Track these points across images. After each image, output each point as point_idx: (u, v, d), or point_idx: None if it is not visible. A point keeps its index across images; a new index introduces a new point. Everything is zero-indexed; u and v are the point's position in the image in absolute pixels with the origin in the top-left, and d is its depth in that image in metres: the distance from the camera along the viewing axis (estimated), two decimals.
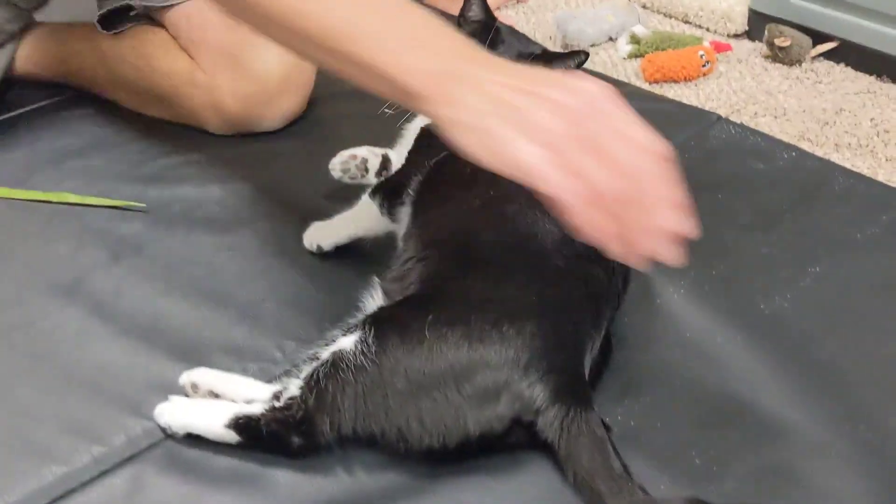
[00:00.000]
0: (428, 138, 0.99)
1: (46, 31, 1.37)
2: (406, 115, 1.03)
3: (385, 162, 1.07)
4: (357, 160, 1.06)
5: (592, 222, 0.65)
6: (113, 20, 1.29)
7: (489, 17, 1.05)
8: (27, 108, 1.35)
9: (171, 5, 1.26)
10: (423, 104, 0.69)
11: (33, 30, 1.36)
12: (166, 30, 1.29)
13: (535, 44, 1.07)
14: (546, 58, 1.02)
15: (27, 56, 1.35)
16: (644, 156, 0.66)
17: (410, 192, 0.96)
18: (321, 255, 1.04)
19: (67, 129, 1.30)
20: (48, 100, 1.36)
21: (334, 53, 0.74)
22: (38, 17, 1.37)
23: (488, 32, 1.02)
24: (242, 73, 1.21)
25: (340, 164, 1.07)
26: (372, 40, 0.72)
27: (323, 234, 1.04)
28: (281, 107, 1.25)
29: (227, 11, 0.87)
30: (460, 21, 1.05)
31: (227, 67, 1.21)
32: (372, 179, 1.07)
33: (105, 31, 1.29)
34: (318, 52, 0.77)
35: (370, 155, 1.07)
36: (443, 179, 0.94)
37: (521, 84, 0.67)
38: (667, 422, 0.82)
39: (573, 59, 0.99)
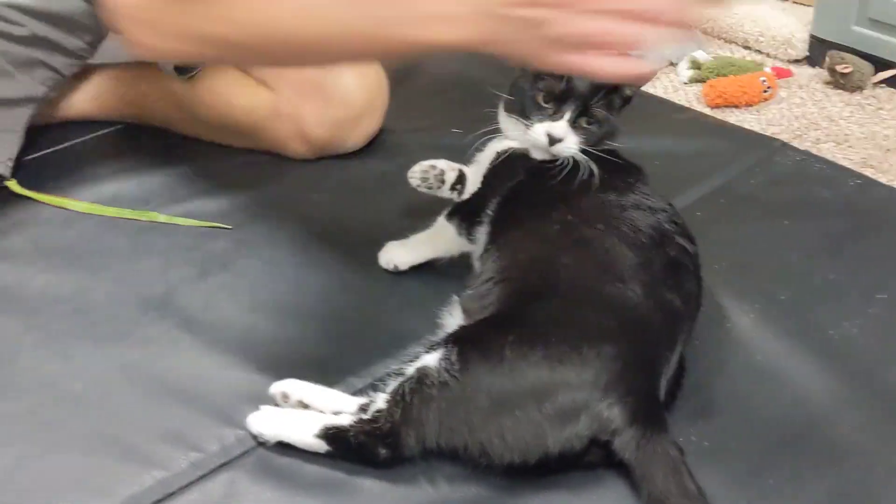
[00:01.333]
0: (503, 161, 1.02)
1: (109, 75, 1.39)
2: (479, 137, 1.07)
3: (461, 177, 1.09)
4: (436, 171, 1.08)
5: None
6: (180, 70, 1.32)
7: None
8: (110, 130, 1.41)
9: None
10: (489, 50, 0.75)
11: (91, 75, 1.39)
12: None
13: None
14: None
15: (90, 98, 1.38)
16: None
17: (489, 212, 1.00)
18: (398, 273, 1.08)
19: (150, 150, 1.36)
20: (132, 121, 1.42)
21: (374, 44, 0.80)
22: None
23: None
24: (327, 100, 1.26)
25: (420, 172, 1.09)
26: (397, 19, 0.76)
27: (399, 254, 1.08)
28: (364, 128, 1.30)
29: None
30: None
31: (312, 96, 1.26)
32: (447, 192, 1.09)
33: (180, 77, 1.32)
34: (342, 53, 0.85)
35: (447, 168, 1.09)
36: (520, 202, 0.98)
37: None
38: (740, 444, 0.84)
39: None
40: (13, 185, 1.25)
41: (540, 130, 0.96)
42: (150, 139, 1.39)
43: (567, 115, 0.96)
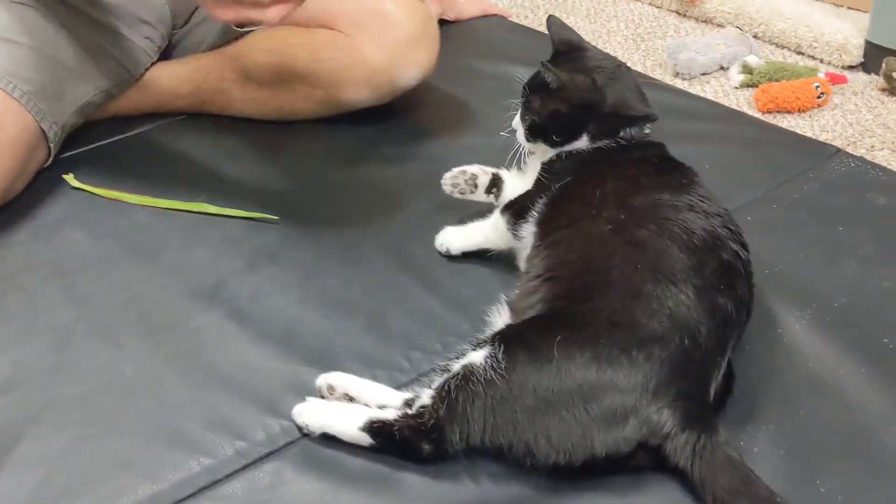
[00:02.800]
0: (551, 166, 1.03)
1: (160, 65, 1.44)
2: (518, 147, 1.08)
3: (495, 180, 1.10)
4: (466, 175, 1.10)
5: None
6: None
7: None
8: (160, 123, 1.44)
9: None
10: None
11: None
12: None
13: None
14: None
15: (142, 87, 1.41)
16: None
17: (535, 212, 1.00)
18: (443, 270, 1.09)
19: (200, 143, 1.39)
20: (181, 115, 1.45)
21: None
22: None
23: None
24: (384, 23, 1.30)
25: (451, 178, 1.11)
26: None
27: (454, 239, 1.11)
28: (419, 56, 1.32)
29: None
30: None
31: (370, 23, 1.30)
32: (482, 196, 1.11)
33: (238, 29, 1.34)
34: None
35: (480, 172, 1.11)
36: (570, 202, 0.97)
37: None
38: (790, 450, 0.83)
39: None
40: (70, 178, 1.29)
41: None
42: (199, 133, 1.41)
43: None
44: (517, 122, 1.06)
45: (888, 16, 1.57)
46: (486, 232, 1.08)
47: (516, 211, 1.03)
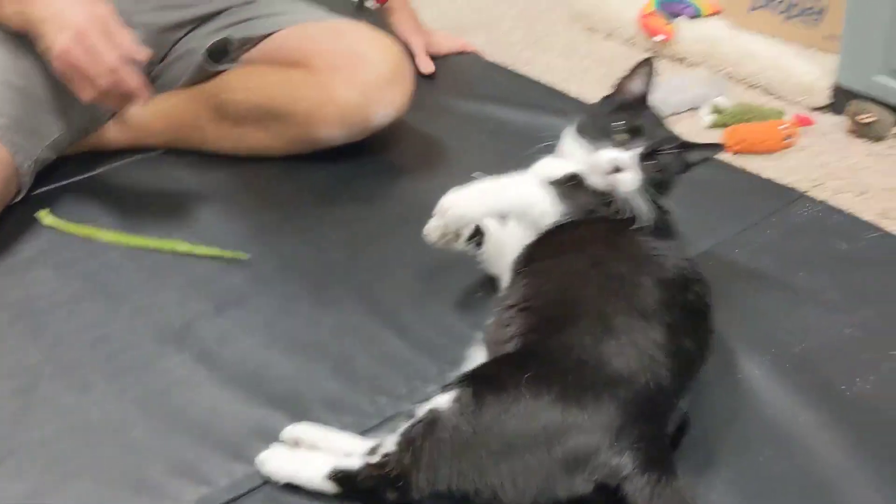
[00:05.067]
0: (575, 184, 1.00)
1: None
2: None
3: (478, 229, 1.08)
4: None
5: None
6: (213, 58, 1.40)
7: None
8: (134, 158, 1.44)
9: (270, 33, 1.38)
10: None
11: None
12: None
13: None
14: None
15: (118, 123, 1.41)
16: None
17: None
18: (412, 314, 1.09)
19: (172, 179, 1.40)
20: (156, 150, 1.45)
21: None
22: None
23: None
24: (358, 64, 1.32)
25: (435, 229, 1.08)
26: None
27: (470, 201, 0.99)
28: (392, 96, 1.34)
29: None
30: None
31: (344, 63, 1.32)
32: (462, 245, 1.08)
33: (214, 65, 1.39)
34: None
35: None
36: (560, 233, 0.98)
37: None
38: (747, 498, 0.84)
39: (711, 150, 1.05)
40: (43, 216, 1.29)
41: (606, 156, 0.97)
42: (171, 169, 1.42)
43: (636, 150, 0.97)
44: (630, 161, 0.98)
45: (855, 59, 1.60)
46: (526, 194, 0.98)
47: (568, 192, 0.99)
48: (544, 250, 0.98)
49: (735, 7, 1.89)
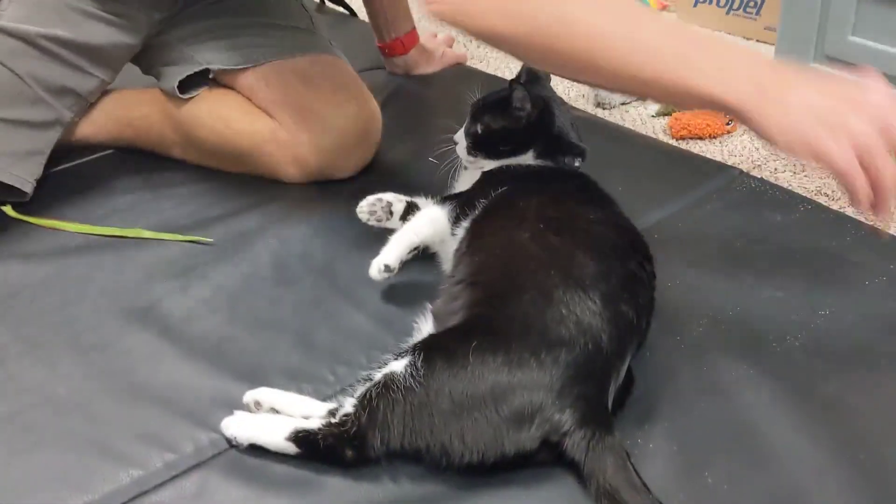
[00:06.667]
0: (493, 175, 1.12)
1: (113, 98, 1.45)
2: (452, 163, 1.16)
3: (410, 207, 1.15)
4: (382, 203, 1.14)
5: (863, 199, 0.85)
6: (187, 85, 1.39)
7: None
8: (102, 154, 1.47)
9: (246, 68, 1.37)
10: (744, 117, 0.85)
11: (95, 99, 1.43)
12: (237, 92, 1.39)
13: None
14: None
15: (91, 122, 1.43)
16: None
17: (476, 211, 1.07)
18: (369, 289, 1.13)
19: (138, 174, 1.43)
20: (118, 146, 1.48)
21: (640, 81, 0.90)
22: None
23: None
24: (324, 129, 1.33)
25: (367, 206, 1.15)
26: (682, 66, 0.87)
27: (389, 255, 1.09)
28: (356, 158, 1.37)
29: (526, 55, 1.00)
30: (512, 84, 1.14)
31: (309, 125, 1.33)
32: (396, 223, 1.14)
33: (181, 96, 1.38)
34: (620, 82, 0.93)
35: (395, 200, 1.15)
36: (498, 211, 1.05)
37: (826, 88, 0.85)
38: (682, 445, 0.89)
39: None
40: (8, 209, 1.31)
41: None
42: (138, 162, 1.46)
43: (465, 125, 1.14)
44: (460, 136, 1.15)
45: (790, 48, 1.68)
46: (419, 228, 1.10)
47: (462, 204, 1.09)
48: (487, 226, 1.04)
49: (681, 2, 1.97)
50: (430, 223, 1.11)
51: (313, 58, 1.40)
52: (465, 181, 1.17)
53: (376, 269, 1.10)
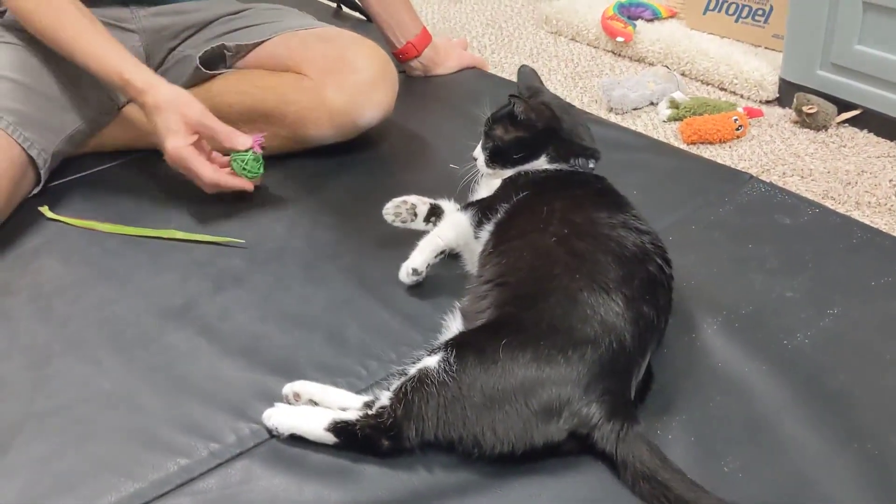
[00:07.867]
0: (514, 181, 1.16)
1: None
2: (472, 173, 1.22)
3: (433, 209, 1.21)
4: (407, 205, 1.20)
5: None
6: (208, 66, 1.48)
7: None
8: (131, 157, 1.52)
9: (262, 41, 1.47)
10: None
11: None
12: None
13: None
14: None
15: (123, 128, 1.50)
16: None
17: (498, 215, 1.12)
18: (397, 288, 1.18)
19: (168, 175, 1.46)
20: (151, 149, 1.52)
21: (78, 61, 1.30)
22: None
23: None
24: (345, 68, 1.41)
25: (392, 207, 1.20)
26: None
27: (418, 258, 1.16)
28: (378, 98, 1.44)
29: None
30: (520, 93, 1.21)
31: (333, 68, 1.42)
32: (420, 225, 1.20)
33: (206, 71, 1.47)
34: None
35: (419, 202, 1.21)
36: (523, 215, 1.09)
37: None
38: (700, 436, 0.95)
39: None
40: (45, 210, 1.37)
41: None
42: (167, 165, 1.49)
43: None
44: (478, 152, 1.20)
45: (798, 55, 1.73)
46: (443, 233, 1.16)
47: (483, 209, 1.14)
48: (513, 229, 1.09)
49: (690, 10, 2.02)
50: (454, 227, 1.16)
51: (323, 28, 1.52)
52: (485, 188, 1.21)
53: (405, 272, 1.16)
